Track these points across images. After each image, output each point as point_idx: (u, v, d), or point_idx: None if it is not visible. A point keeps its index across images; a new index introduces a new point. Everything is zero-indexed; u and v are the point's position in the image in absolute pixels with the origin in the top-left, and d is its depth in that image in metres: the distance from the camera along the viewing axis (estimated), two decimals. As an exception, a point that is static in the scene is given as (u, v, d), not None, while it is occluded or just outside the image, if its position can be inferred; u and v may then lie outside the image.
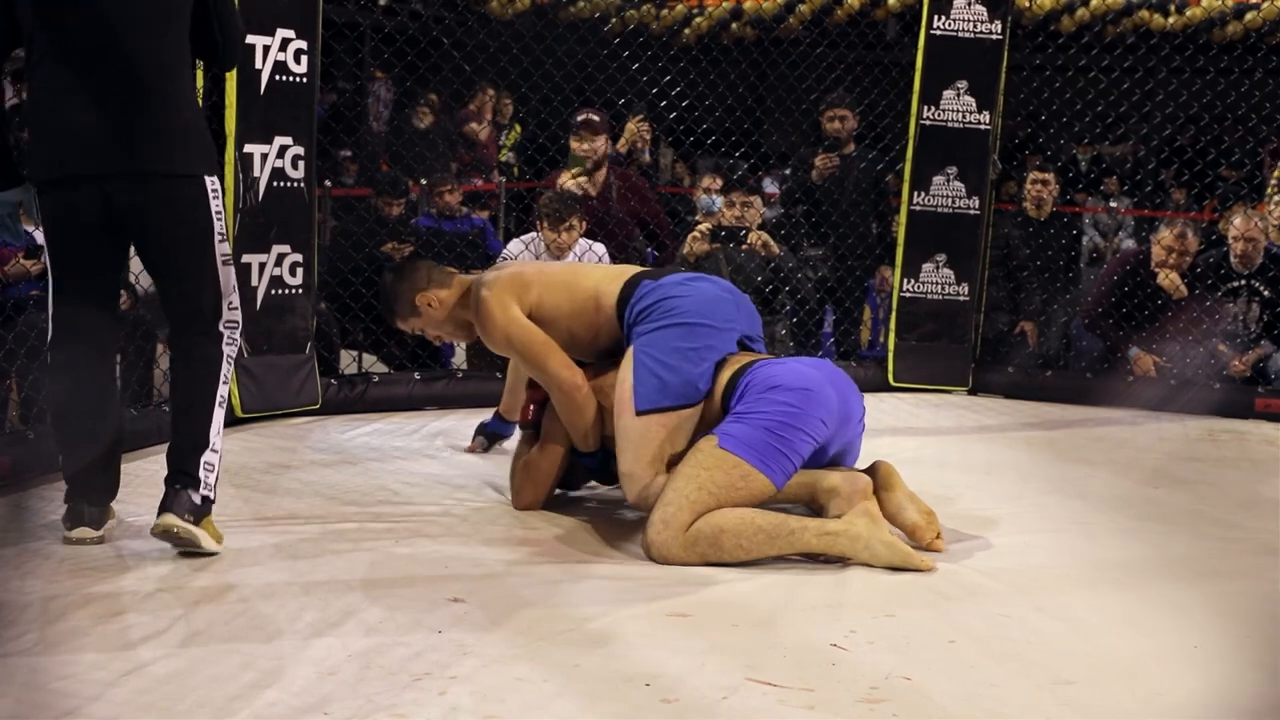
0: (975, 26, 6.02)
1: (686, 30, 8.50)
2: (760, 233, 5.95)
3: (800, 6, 8.64)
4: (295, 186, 4.84)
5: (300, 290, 4.91)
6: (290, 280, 4.87)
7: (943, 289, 6.20)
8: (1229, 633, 2.74)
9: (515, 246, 5.34)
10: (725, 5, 9.01)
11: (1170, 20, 7.52)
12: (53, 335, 3.16)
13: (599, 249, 5.30)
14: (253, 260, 4.75)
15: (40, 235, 4.84)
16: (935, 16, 6.02)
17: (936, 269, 6.19)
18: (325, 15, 4.97)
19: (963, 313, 6.21)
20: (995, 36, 6.05)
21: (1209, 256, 6.28)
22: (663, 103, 6.30)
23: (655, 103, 6.29)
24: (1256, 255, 6.10)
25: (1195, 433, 5.38)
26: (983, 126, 6.10)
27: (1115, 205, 9.83)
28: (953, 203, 6.14)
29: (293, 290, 4.89)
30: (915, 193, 6.14)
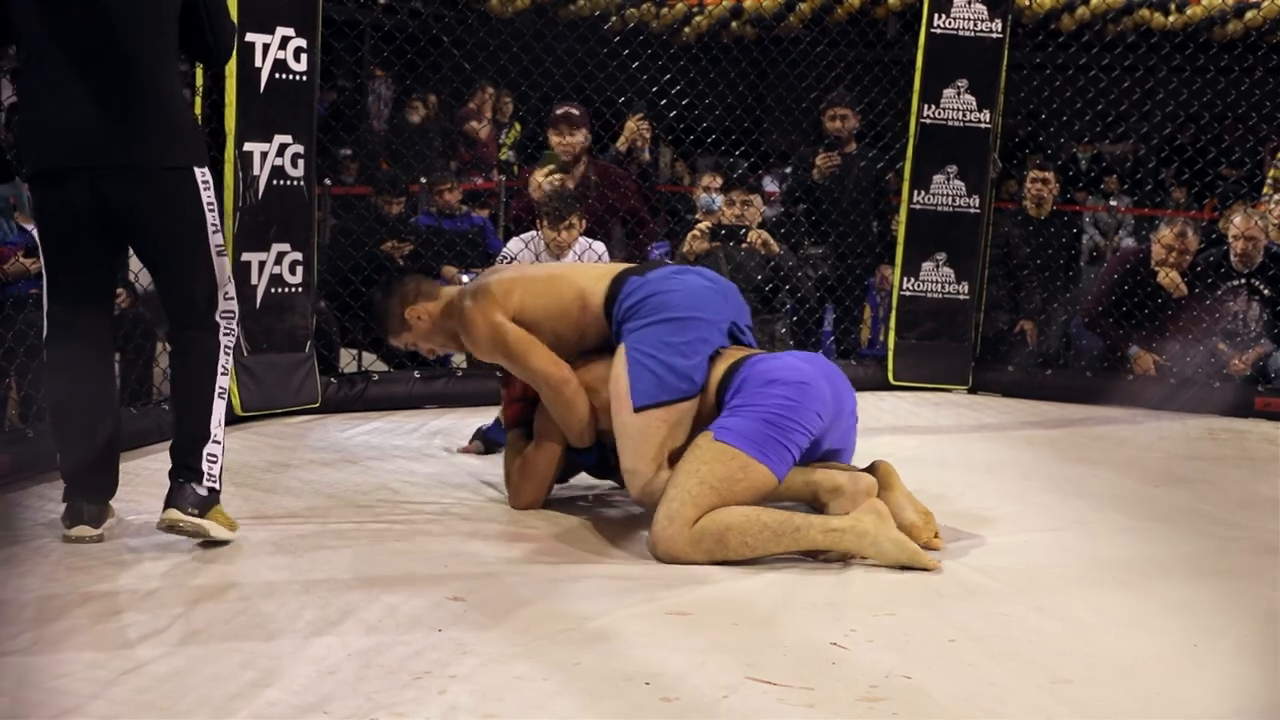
0: (975, 25, 6.02)
1: (686, 28, 8.50)
2: (760, 231, 5.94)
3: (800, 5, 8.63)
4: (295, 185, 4.84)
5: (300, 289, 4.91)
6: (290, 279, 4.87)
7: (943, 288, 6.19)
8: (1229, 632, 2.74)
9: (515, 245, 5.34)
10: (725, 4, 9.00)
11: (1170, 19, 7.52)
12: (48, 332, 3.16)
13: (599, 247, 5.29)
14: (252, 258, 4.74)
15: (35, 235, 4.86)
16: (935, 15, 6.02)
17: (936, 267, 6.19)
18: (325, 13, 4.96)
19: (963, 311, 6.21)
20: (995, 35, 6.05)
21: (1209, 255, 6.28)
22: (663, 101, 6.29)
23: (655, 101, 6.29)
24: (1256, 254, 6.09)
25: (1195, 431, 5.38)
26: (983, 125, 6.09)
27: (1115, 204, 9.84)
28: (953, 201, 6.14)
29: (292, 289, 4.89)
30: (915, 191, 6.14)
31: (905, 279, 6.21)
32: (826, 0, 8.69)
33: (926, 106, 6.08)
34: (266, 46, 4.67)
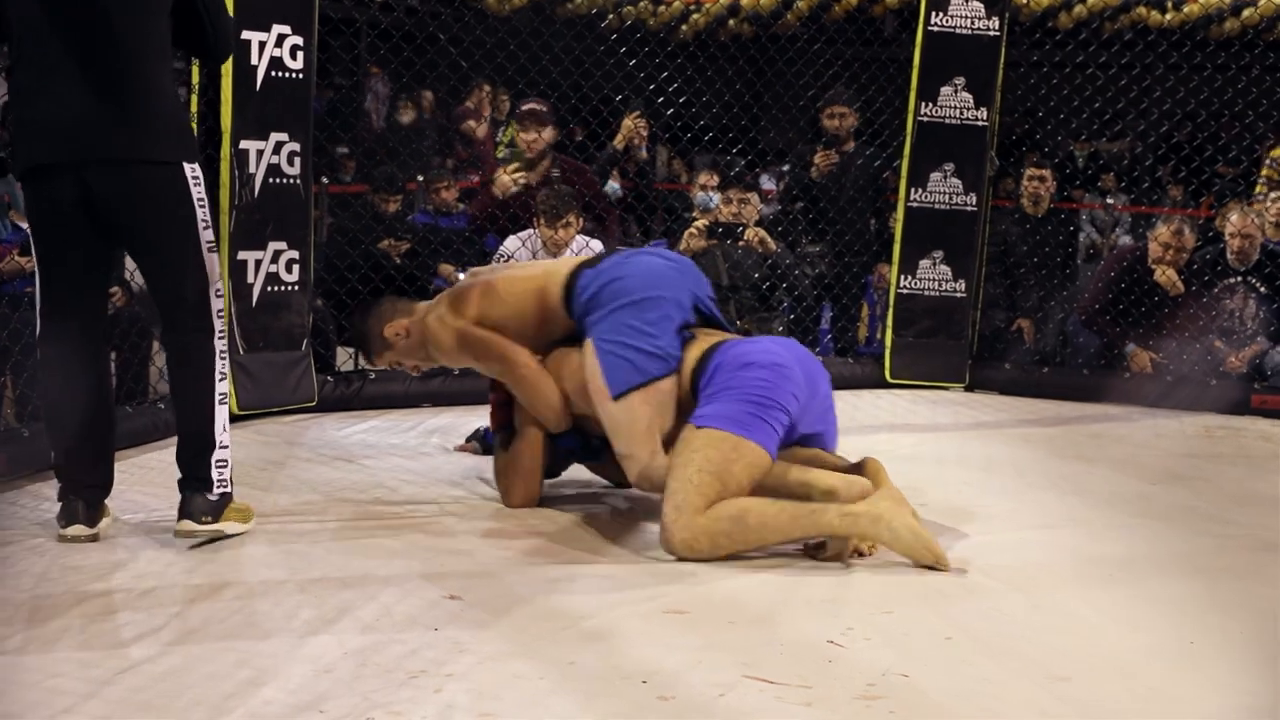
0: (973, 23, 6.02)
1: (684, 26, 8.48)
2: (757, 229, 5.94)
3: (797, 3, 8.61)
4: (291, 183, 4.83)
5: (296, 287, 4.91)
6: (286, 277, 4.87)
7: (940, 286, 6.20)
8: (1226, 629, 2.74)
9: (512, 243, 5.33)
10: (722, 2, 8.98)
11: (1167, 17, 7.51)
12: (41, 330, 3.16)
13: (596, 245, 5.29)
14: (249, 257, 4.74)
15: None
16: (933, 13, 6.02)
17: (934, 265, 6.19)
18: (321, 11, 4.96)
19: (960, 309, 6.21)
20: (993, 33, 6.05)
21: (1206, 253, 6.28)
22: (660, 99, 6.29)
23: (652, 99, 6.29)
24: (1253, 252, 6.10)
25: (1192, 429, 5.38)
26: (980, 123, 6.09)
27: (1112, 202, 9.83)
28: (950, 199, 6.14)
29: (289, 287, 4.88)
30: (912, 189, 6.14)
31: (902, 277, 6.21)
32: (824, -2, 8.69)
33: (923, 104, 6.08)
34: (263, 44, 4.67)
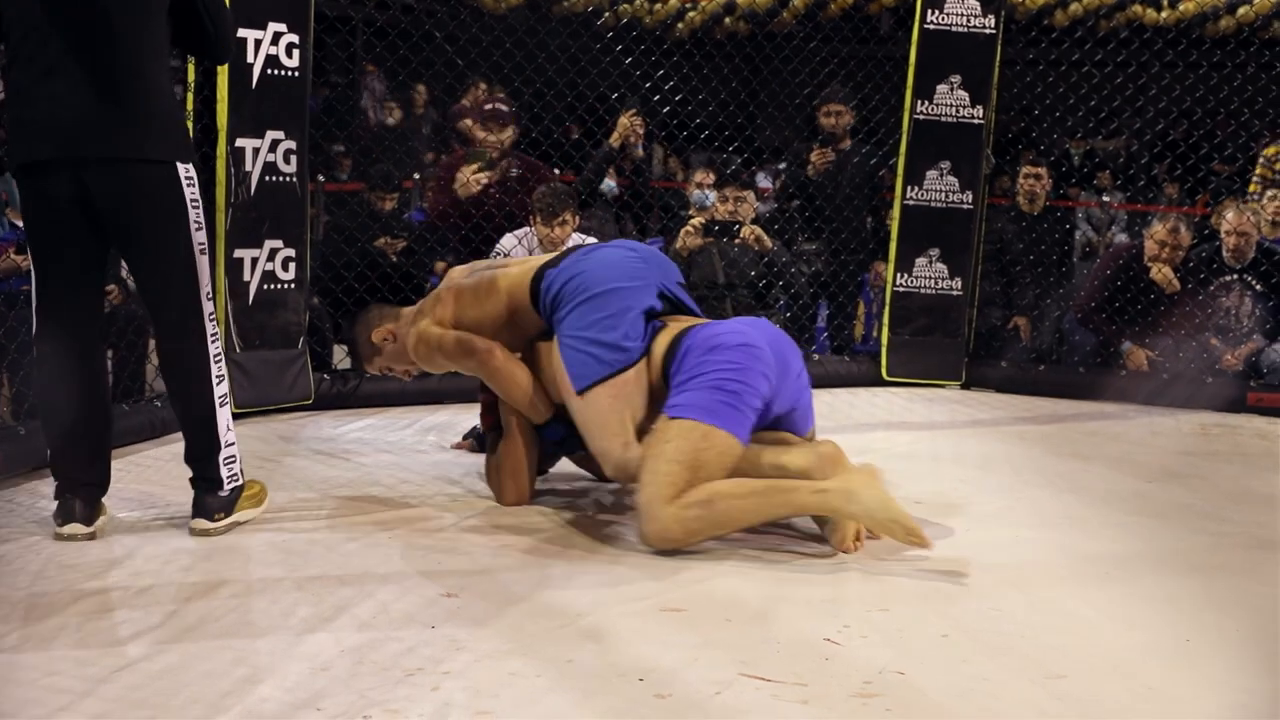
0: (969, 21, 6.03)
1: (679, 24, 8.47)
2: (753, 227, 5.94)
3: (794, 1, 8.61)
4: (287, 181, 4.83)
5: (293, 285, 4.91)
6: (282, 275, 4.87)
7: (936, 284, 6.20)
8: (1221, 627, 2.75)
9: (508, 241, 5.33)
10: (718, 0, 8.98)
11: (1163, 15, 7.51)
12: (38, 327, 3.15)
13: (593, 243, 5.28)
14: (245, 255, 4.74)
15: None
16: (929, 11, 6.02)
17: (930, 263, 6.19)
18: (317, 9, 4.95)
19: (956, 307, 6.22)
20: (989, 31, 6.05)
21: (1202, 251, 6.29)
22: (656, 97, 6.29)
23: (648, 97, 6.28)
24: (1249, 249, 6.11)
25: (1188, 427, 5.39)
26: (976, 121, 6.10)
27: (1108, 200, 9.84)
28: (946, 197, 6.15)
29: (285, 285, 4.88)
30: (909, 187, 6.15)
31: (899, 275, 6.22)
32: (820, -4, 8.68)
33: (920, 102, 6.09)
34: (259, 42, 4.66)
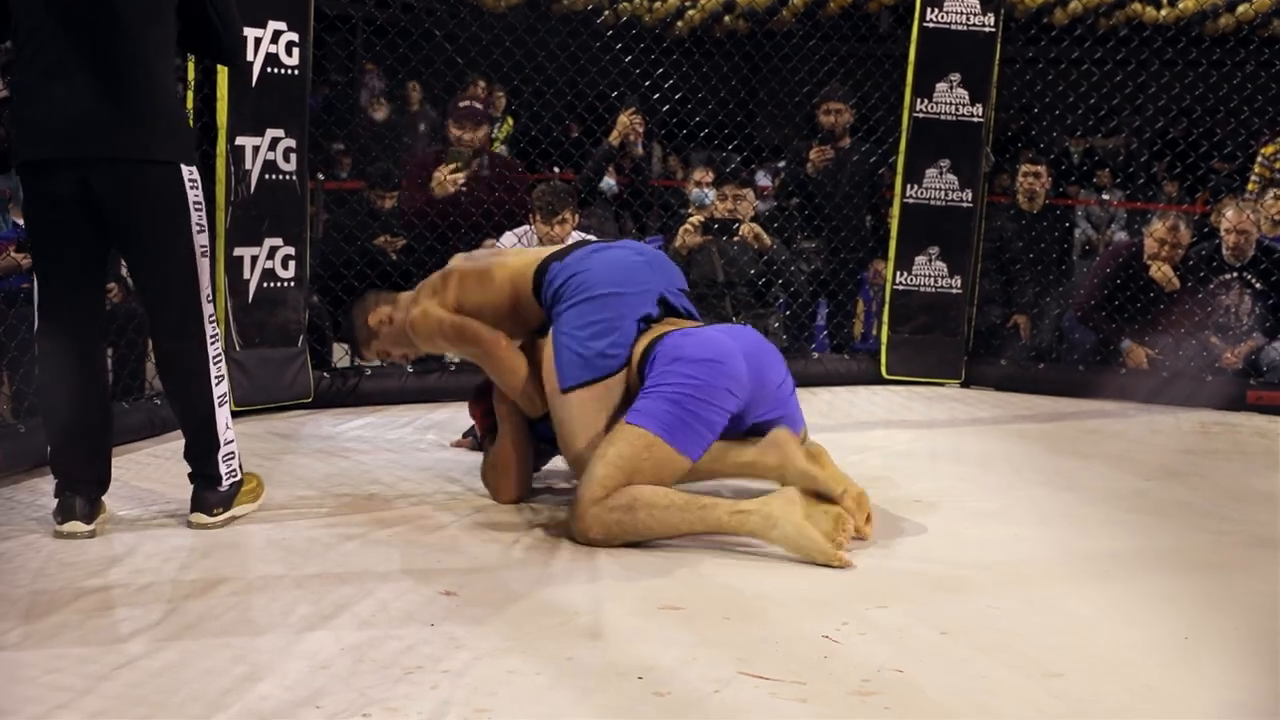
0: (968, 19, 6.03)
1: (679, 22, 8.48)
2: (751, 225, 5.94)
3: (793, -1, 8.61)
4: (287, 179, 4.83)
5: (292, 283, 4.91)
6: (282, 273, 4.87)
7: (936, 282, 6.20)
8: (1221, 625, 2.75)
9: (508, 239, 5.34)
10: (718, -2, 8.98)
11: (1162, 13, 7.51)
12: (39, 325, 3.16)
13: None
14: (245, 253, 4.74)
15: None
16: (928, 9, 6.02)
17: (929, 262, 6.19)
18: (317, 7, 4.95)
19: (956, 305, 6.22)
20: (988, 29, 6.05)
21: (1201, 249, 6.29)
22: (655, 95, 6.29)
23: (648, 95, 6.28)
24: (1248, 247, 6.11)
25: (1187, 425, 5.39)
26: (976, 119, 6.10)
27: (1108, 198, 9.84)
28: (946, 195, 6.15)
29: (285, 283, 4.88)
30: (908, 185, 6.15)
31: (898, 273, 6.22)
32: (819, -6, 8.68)
33: (919, 101, 6.09)
34: (258, 40, 4.66)
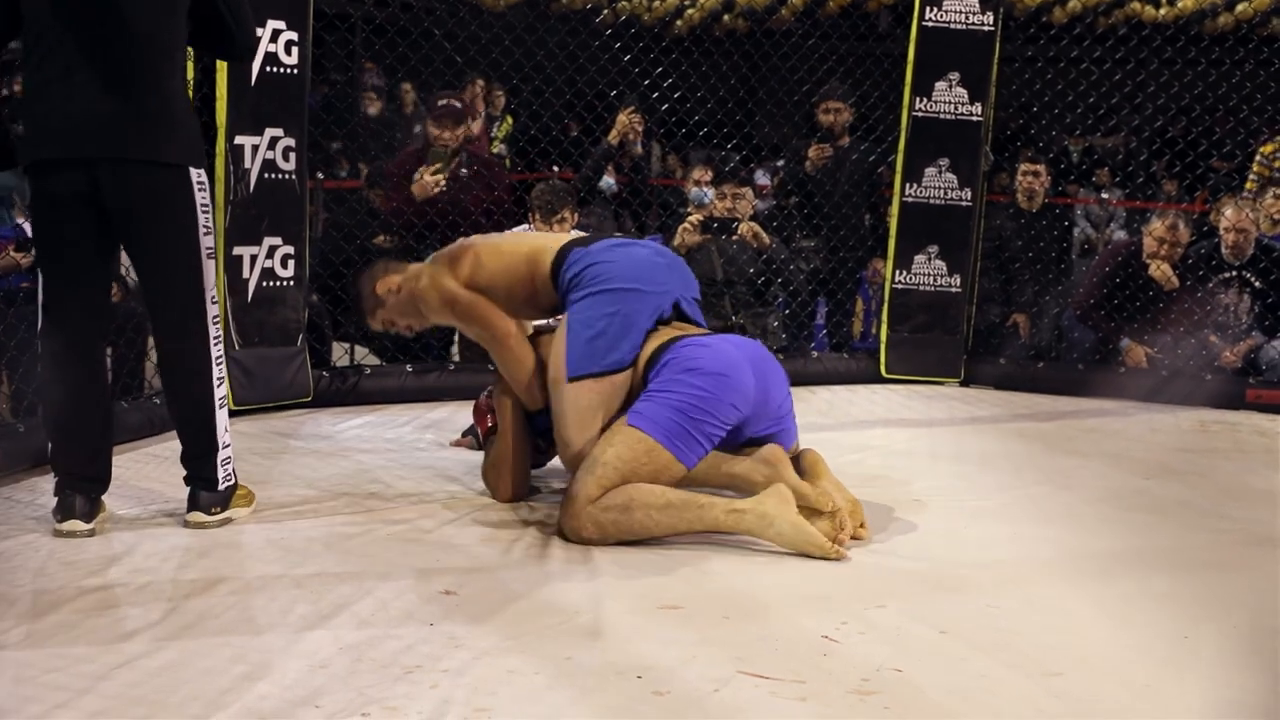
0: (967, 18, 6.03)
1: (678, 22, 8.48)
2: (750, 224, 5.94)
3: (792, -2, 8.61)
4: (286, 178, 4.83)
5: (292, 282, 4.90)
6: (281, 272, 4.87)
7: (935, 280, 6.20)
8: (1220, 624, 2.75)
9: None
10: (717, -4, 8.98)
11: (1161, 12, 7.51)
12: (42, 323, 3.16)
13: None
14: (244, 252, 4.74)
15: (30, 227, 4.84)
16: (927, 8, 6.02)
17: (929, 260, 6.20)
18: (316, 6, 4.95)
19: (955, 304, 6.22)
20: (987, 28, 6.05)
21: (1200, 248, 6.29)
22: (654, 94, 6.29)
23: (647, 94, 6.28)
24: (1247, 246, 6.11)
25: (1187, 424, 5.39)
26: (975, 118, 6.10)
27: (1107, 197, 9.84)
28: (945, 194, 6.15)
29: (284, 282, 4.88)
30: (907, 184, 6.15)
31: (897, 272, 6.22)
32: (818, -7, 8.68)
33: (918, 100, 6.09)
34: (258, 39, 4.65)
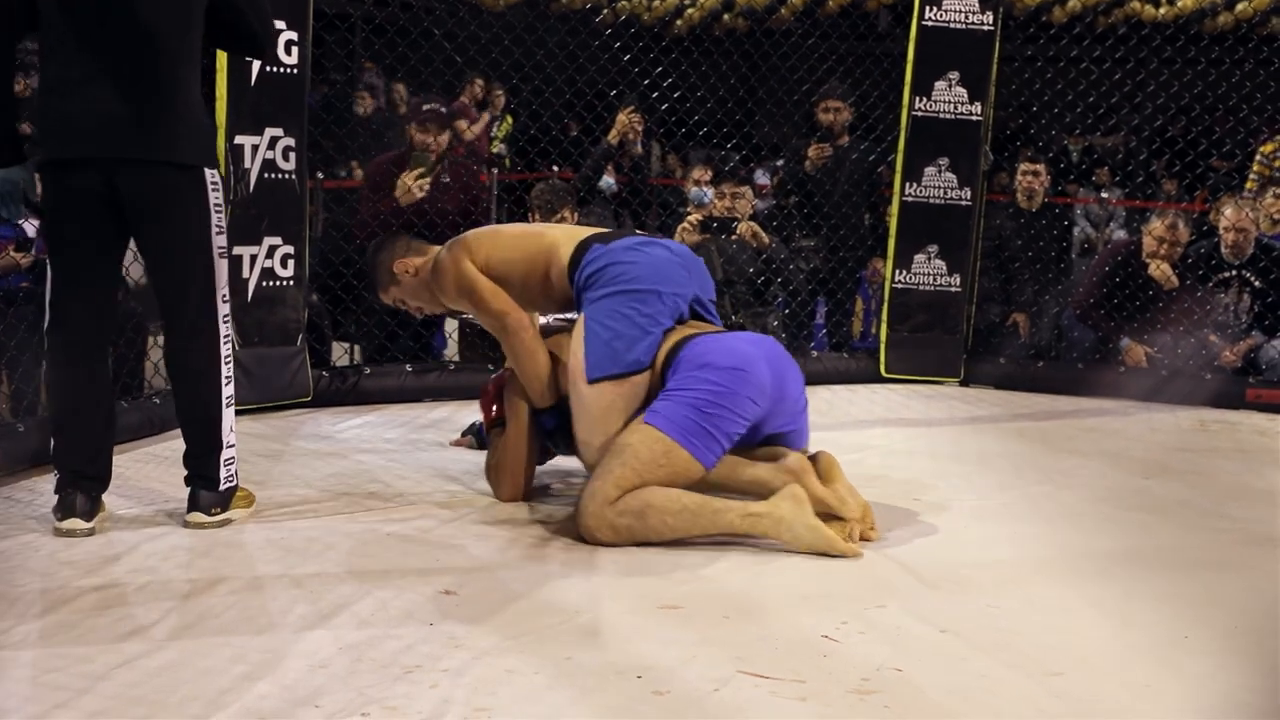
0: (967, 17, 6.03)
1: (678, 21, 8.48)
2: (749, 223, 5.94)
3: (792, -3, 8.62)
4: (286, 178, 4.83)
5: (291, 282, 4.90)
6: (281, 272, 4.87)
7: (935, 280, 6.20)
8: (1220, 623, 2.75)
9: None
10: (716, -4, 8.98)
11: (1161, 11, 7.52)
12: (50, 320, 3.16)
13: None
14: (244, 252, 4.73)
15: (30, 227, 4.84)
16: (927, 8, 6.02)
17: (928, 260, 6.19)
18: (316, 6, 4.95)
19: (955, 304, 6.22)
20: (987, 27, 6.05)
21: (1200, 247, 6.29)
22: (654, 94, 6.29)
23: (647, 94, 6.29)
24: (1247, 245, 6.11)
25: (1187, 423, 5.39)
26: (974, 118, 6.10)
27: (1106, 196, 9.85)
28: (944, 194, 6.15)
29: (284, 282, 4.88)
30: (907, 184, 6.15)
31: (897, 271, 6.22)
32: (818, -7, 8.69)
33: (918, 99, 6.09)
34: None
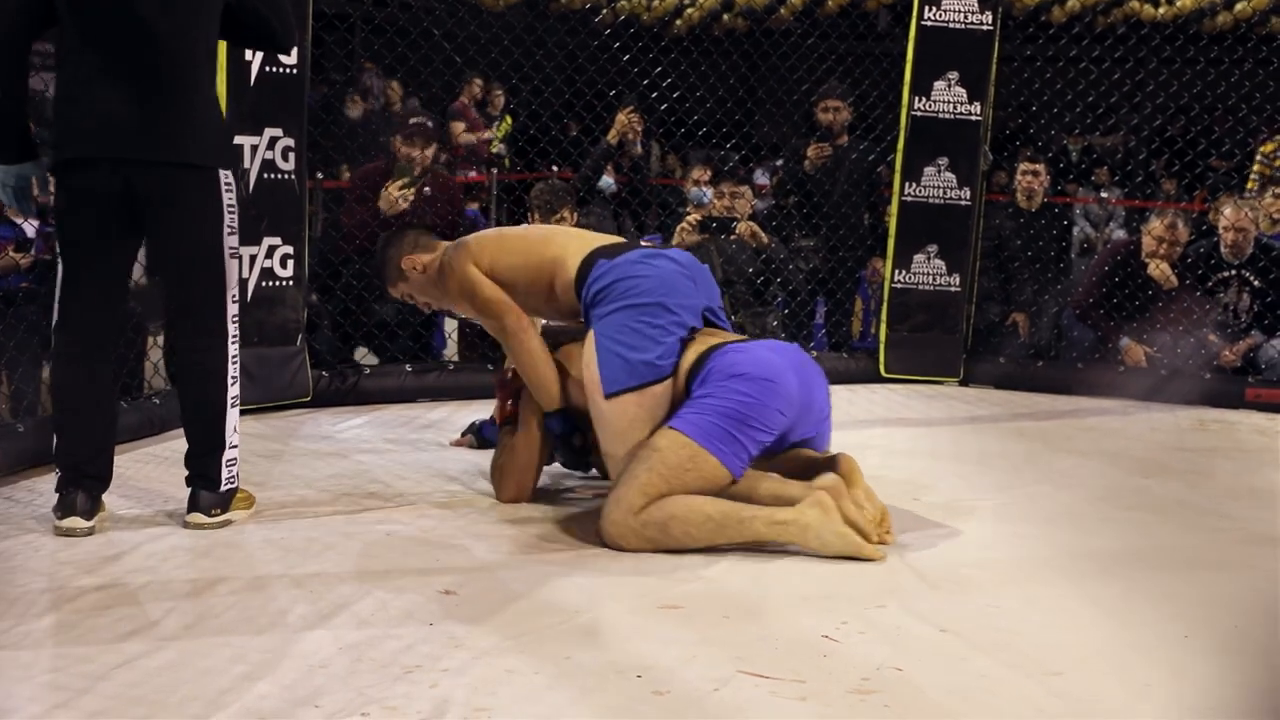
0: (966, 17, 6.03)
1: (678, 21, 8.49)
2: (749, 223, 5.94)
3: (791, -3, 8.62)
4: (286, 178, 4.83)
5: (291, 282, 4.91)
6: (281, 272, 4.87)
7: (934, 280, 6.20)
8: (1220, 623, 2.75)
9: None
10: (716, -4, 8.99)
11: (1160, 11, 7.53)
12: (58, 318, 3.17)
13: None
14: (244, 252, 4.73)
15: (30, 227, 4.85)
16: (926, 7, 6.03)
17: (928, 260, 6.20)
18: (316, 6, 4.95)
19: (954, 303, 6.22)
20: (986, 27, 6.05)
21: (1199, 247, 6.30)
22: (654, 94, 6.29)
23: (646, 94, 6.29)
24: (1247, 245, 6.12)
25: (1186, 423, 5.39)
26: (974, 117, 6.10)
27: (1106, 196, 9.86)
28: (944, 193, 6.15)
29: (284, 282, 4.88)
30: (906, 184, 6.15)
31: (897, 271, 6.22)
32: (817, -7, 8.70)
33: (917, 99, 6.09)
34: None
